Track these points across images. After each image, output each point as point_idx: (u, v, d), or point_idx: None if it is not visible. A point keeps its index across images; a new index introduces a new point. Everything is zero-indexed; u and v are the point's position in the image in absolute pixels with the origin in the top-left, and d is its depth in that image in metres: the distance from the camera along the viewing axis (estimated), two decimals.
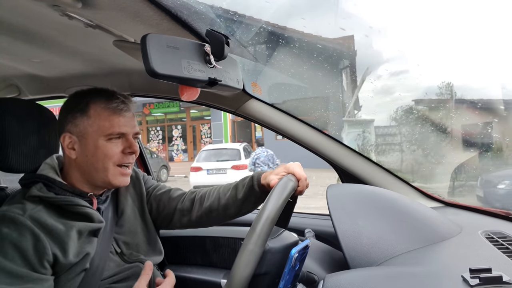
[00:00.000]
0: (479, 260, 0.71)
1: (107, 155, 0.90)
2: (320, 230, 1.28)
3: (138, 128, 0.97)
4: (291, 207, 1.02)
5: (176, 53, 0.72)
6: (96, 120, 0.90)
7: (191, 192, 1.11)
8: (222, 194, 1.04)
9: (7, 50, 1.08)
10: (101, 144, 0.90)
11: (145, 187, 1.12)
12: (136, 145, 0.95)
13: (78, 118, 0.91)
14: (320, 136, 1.33)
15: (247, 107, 1.33)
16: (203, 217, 1.05)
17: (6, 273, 0.75)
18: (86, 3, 0.73)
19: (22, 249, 0.77)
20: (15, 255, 0.77)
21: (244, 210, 1.03)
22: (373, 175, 1.30)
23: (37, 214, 0.82)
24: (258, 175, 0.99)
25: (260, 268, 0.91)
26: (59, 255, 0.82)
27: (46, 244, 0.80)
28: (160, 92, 1.44)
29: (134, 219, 1.04)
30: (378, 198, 0.98)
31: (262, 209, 0.72)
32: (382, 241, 0.81)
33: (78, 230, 0.86)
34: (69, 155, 0.92)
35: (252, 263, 0.65)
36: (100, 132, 0.90)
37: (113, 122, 0.91)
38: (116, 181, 0.93)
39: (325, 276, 0.70)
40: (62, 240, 0.82)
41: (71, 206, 0.87)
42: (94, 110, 0.91)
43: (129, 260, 0.97)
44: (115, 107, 0.91)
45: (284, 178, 0.84)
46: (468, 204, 1.22)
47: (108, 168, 0.90)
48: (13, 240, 0.77)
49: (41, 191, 0.87)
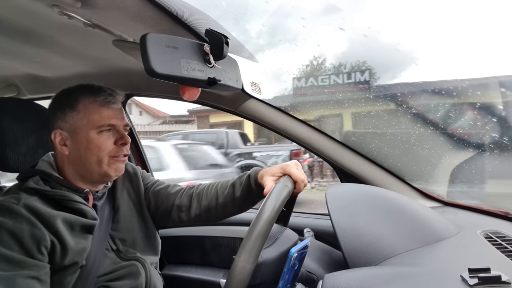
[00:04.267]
0: (478, 260, 0.72)
1: (100, 148, 0.91)
2: (319, 230, 1.28)
3: (127, 120, 0.98)
4: (291, 206, 1.02)
5: (175, 53, 0.72)
6: (85, 114, 0.90)
7: (189, 188, 1.11)
8: (220, 192, 1.03)
9: (6, 50, 1.08)
10: (93, 137, 0.90)
11: (144, 183, 1.12)
12: (127, 136, 0.95)
13: (67, 114, 0.91)
14: (319, 136, 1.33)
15: (247, 107, 1.33)
16: (201, 215, 1.05)
17: (3, 259, 0.75)
18: (85, 2, 0.73)
19: (18, 236, 0.77)
20: (11, 242, 0.76)
21: (242, 208, 1.03)
22: (372, 175, 1.31)
23: (32, 203, 0.82)
24: (255, 173, 0.98)
25: (254, 279, 0.90)
26: (56, 243, 0.81)
27: (43, 230, 0.80)
28: (159, 92, 1.44)
29: (131, 215, 1.04)
30: (377, 198, 0.98)
31: (254, 223, 0.69)
32: (381, 240, 0.82)
33: (70, 223, 0.86)
34: (62, 151, 0.92)
35: (243, 281, 0.64)
36: (91, 125, 0.90)
37: (103, 115, 0.91)
38: (112, 170, 0.93)
39: (324, 275, 0.70)
40: (56, 230, 0.82)
41: (65, 201, 0.87)
42: (83, 104, 0.91)
43: (125, 257, 0.97)
44: (103, 99, 0.92)
45: (279, 184, 0.81)
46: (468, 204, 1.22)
47: (102, 160, 0.91)
48: (9, 227, 0.77)
49: (37, 184, 0.87)
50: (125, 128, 0.96)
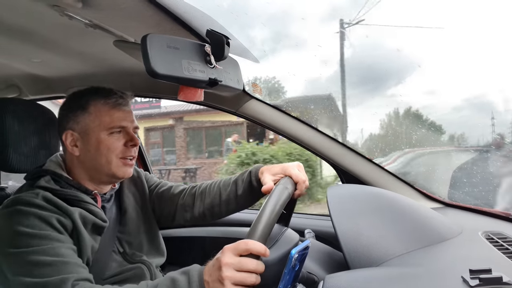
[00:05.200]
0: (479, 261, 0.71)
1: (110, 149, 0.92)
2: (320, 231, 1.28)
3: (136, 123, 0.99)
4: (292, 207, 1.02)
5: (176, 53, 0.72)
6: (97, 116, 0.92)
7: (191, 187, 1.12)
8: (223, 190, 1.04)
9: (8, 50, 1.08)
10: (104, 138, 0.92)
11: (148, 185, 1.13)
12: (137, 138, 0.97)
13: (79, 116, 0.93)
14: (320, 137, 1.33)
15: (248, 108, 1.33)
16: (205, 212, 1.06)
17: (43, 237, 0.78)
18: (86, 3, 0.73)
19: (47, 220, 0.80)
20: (43, 225, 0.80)
21: (245, 205, 1.04)
22: (373, 176, 1.30)
23: (49, 196, 0.85)
24: (256, 170, 0.99)
25: None
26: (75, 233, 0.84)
27: (66, 217, 0.83)
28: (160, 93, 1.44)
29: (137, 218, 1.05)
30: (378, 199, 0.98)
31: (253, 225, 0.70)
32: (382, 241, 0.81)
33: (84, 219, 0.87)
34: (72, 152, 0.93)
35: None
36: (102, 127, 0.92)
37: (114, 117, 0.93)
38: (120, 172, 0.94)
39: (325, 276, 0.70)
40: (75, 220, 0.85)
41: (77, 201, 0.88)
42: (94, 106, 0.93)
43: (131, 260, 0.98)
44: (114, 101, 0.94)
45: (279, 186, 0.81)
46: (469, 205, 1.21)
47: (111, 161, 0.92)
48: (36, 214, 0.80)
49: (49, 183, 0.88)
50: (134, 130, 0.98)
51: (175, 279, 0.69)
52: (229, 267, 0.63)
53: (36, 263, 0.74)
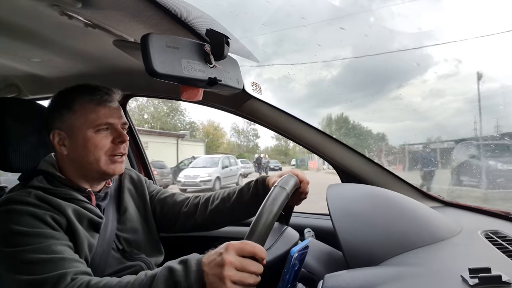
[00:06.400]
0: (478, 260, 0.71)
1: (97, 146, 0.91)
2: (320, 230, 1.28)
3: (125, 119, 0.98)
4: (292, 208, 1.02)
5: (176, 53, 0.72)
6: (82, 114, 0.91)
7: (195, 196, 1.13)
8: (227, 198, 1.05)
9: (7, 50, 1.08)
10: (90, 136, 0.91)
11: (148, 191, 1.14)
12: (125, 134, 0.96)
13: (64, 114, 0.92)
14: (320, 136, 1.33)
15: (248, 107, 1.33)
16: (208, 220, 1.07)
17: (37, 235, 0.77)
18: (86, 2, 0.73)
19: (41, 218, 0.80)
20: (37, 222, 0.79)
21: (250, 213, 1.04)
22: (373, 175, 1.30)
23: (42, 195, 0.85)
24: (262, 179, 1.02)
25: None
26: (70, 229, 0.84)
27: (60, 214, 0.83)
28: (160, 92, 1.44)
29: (137, 218, 1.06)
30: (378, 198, 0.98)
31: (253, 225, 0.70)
32: (382, 241, 0.81)
33: (79, 215, 0.87)
34: (61, 151, 0.93)
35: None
36: (88, 124, 0.91)
37: (99, 114, 0.91)
38: (110, 169, 0.93)
39: (324, 275, 0.70)
40: (69, 217, 0.84)
41: (70, 199, 0.88)
42: (80, 104, 0.92)
43: (130, 258, 0.98)
44: (99, 98, 0.92)
45: (277, 188, 0.81)
46: (468, 204, 1.22)
47: (100, 159, 0.91)
48: (30, 212, 0.80)
49: (42, 183, 0.88)
50: (123, 126, 0.96)
51: (172, 268, 0.69)
52: (232, 266, 0.63)
53: (33, 261, 0.74)
